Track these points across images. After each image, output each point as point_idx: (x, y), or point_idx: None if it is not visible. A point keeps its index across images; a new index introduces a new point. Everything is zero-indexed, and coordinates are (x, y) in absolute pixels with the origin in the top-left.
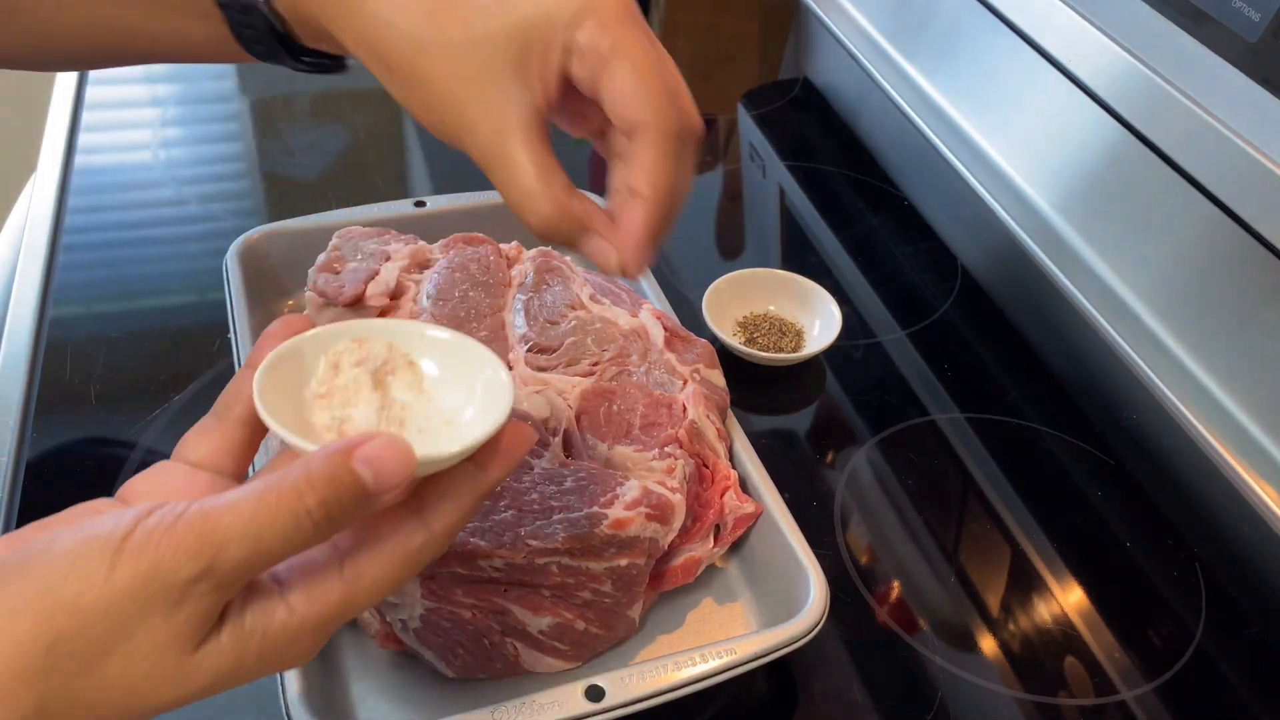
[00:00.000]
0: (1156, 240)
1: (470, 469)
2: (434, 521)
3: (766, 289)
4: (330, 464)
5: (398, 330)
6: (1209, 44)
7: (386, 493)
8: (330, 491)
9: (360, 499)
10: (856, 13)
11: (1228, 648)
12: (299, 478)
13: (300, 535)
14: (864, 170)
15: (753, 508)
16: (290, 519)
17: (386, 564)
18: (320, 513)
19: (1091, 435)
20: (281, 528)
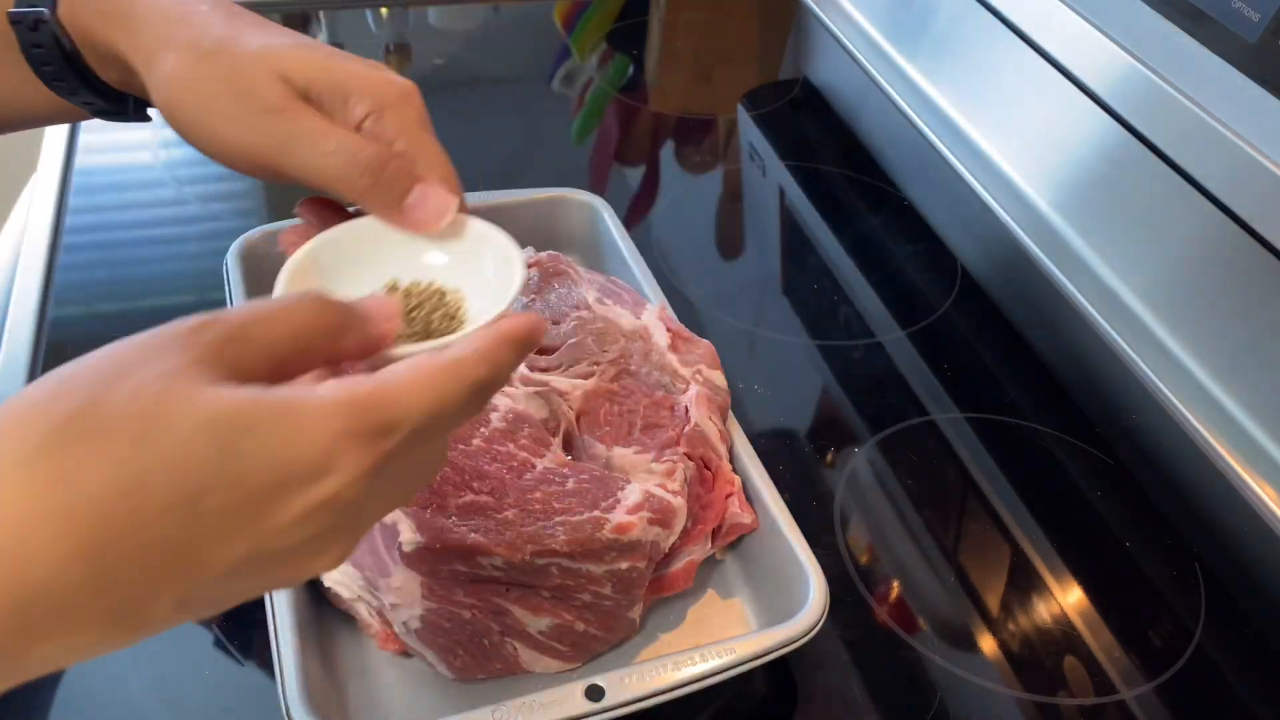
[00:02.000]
0: (1156, 240)
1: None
2: (460, 350)
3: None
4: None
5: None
6: (1209, 44)
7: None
8: (325, 295)
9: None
10: (856, 13)
11: (1228, 648)
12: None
13: (304, 313)
14: (864, 170)
15: (750, 520)
16: (291, 298)
17: (419, 369)
18: (317, 301)
19: (1091, 435)
20: (283, 302)
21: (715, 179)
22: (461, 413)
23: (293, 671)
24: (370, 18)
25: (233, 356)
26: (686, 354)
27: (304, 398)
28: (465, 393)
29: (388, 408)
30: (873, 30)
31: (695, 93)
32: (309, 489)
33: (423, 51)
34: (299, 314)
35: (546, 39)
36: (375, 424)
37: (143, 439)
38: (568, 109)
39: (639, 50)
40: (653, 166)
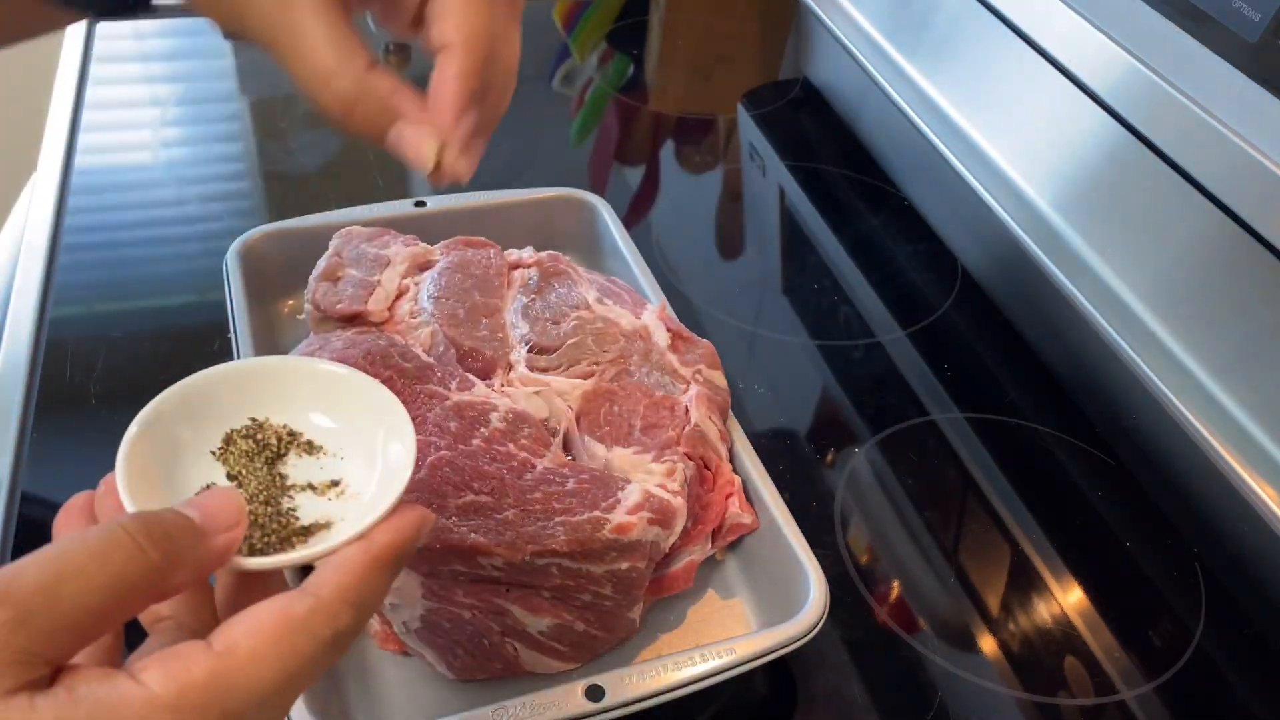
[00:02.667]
0: (1156, 240)
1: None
2: (320, 587)
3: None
4: (151, 508)
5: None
6: (1209, 44)
7: (218, 532)
8: (150, 518)
9: (189, 531)
10: (856, 13)
11: (1228, 648)
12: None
13: (120, 558)
14: (864, 170)
15: (750, 520)
16: (103, 539)
17: (264, 631)
18: (140, 533)
19: (1091, 435)
20: (92, 547)
21: (715, 179)
22: (320, 668)
23: None
24: (370, 18)
25: (28, 643)
26: (686, 354)
27: (121, 701)
28: (324, 649)
29: (228, 695)
30: (873, 30)
31: (695, 93)
32: None
33: (422, 52)
34: (114, 562)
35: (546, 39)
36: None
37: None
38: (568, 109)
39: (639, 50)
40: (653, 166)
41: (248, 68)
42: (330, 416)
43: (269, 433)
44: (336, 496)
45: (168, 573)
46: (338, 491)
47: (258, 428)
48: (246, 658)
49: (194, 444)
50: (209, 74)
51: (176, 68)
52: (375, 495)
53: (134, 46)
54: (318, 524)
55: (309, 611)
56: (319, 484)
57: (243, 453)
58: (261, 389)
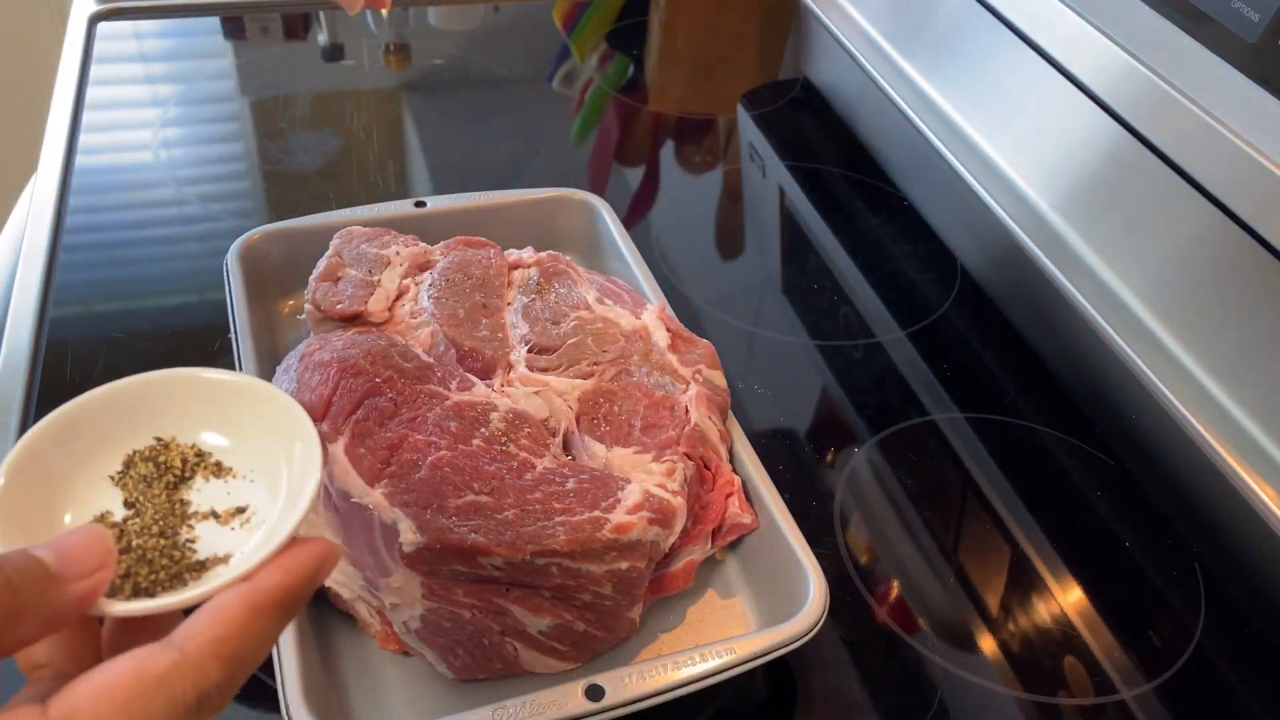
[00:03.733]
0: (1156, 240)
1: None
2: (187, 640)
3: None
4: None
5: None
6: (1209, 44)
7: (76, 578)
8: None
9: (39, 577)
10: (856, 13)
11: (1227, 648)
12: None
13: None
14: (864, 170)
15: (750, 519)
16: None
17: (111, 694)
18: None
19: (1091, 435)
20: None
21: (715, 179)
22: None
23: (293, 671)
24: (370, 18)
25: None
26: (686, 354)
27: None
28: (184, 713)
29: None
30: (873, 30)
31: (695, 93)
32: None
33: (422, 51)
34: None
35: (546, 39)
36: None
37: None
38: (568, 109)
39: (639, 50)
40: (653, 166)
41: (248, 68)
42: (239, 434)
43: (174, 454)
44: (241, 525)
45: (11, 623)
46: (243, 520)
47: (162, 448)
48: (95, 713)
49: (91, 466)
50: (209, 74)
51: (176, 68)
52: (275, 525)
53: (134, 46)
54: (215, 558)
55: (169, 669)
56: (223, 511)
57: (141, 477)
58: (168, 404)
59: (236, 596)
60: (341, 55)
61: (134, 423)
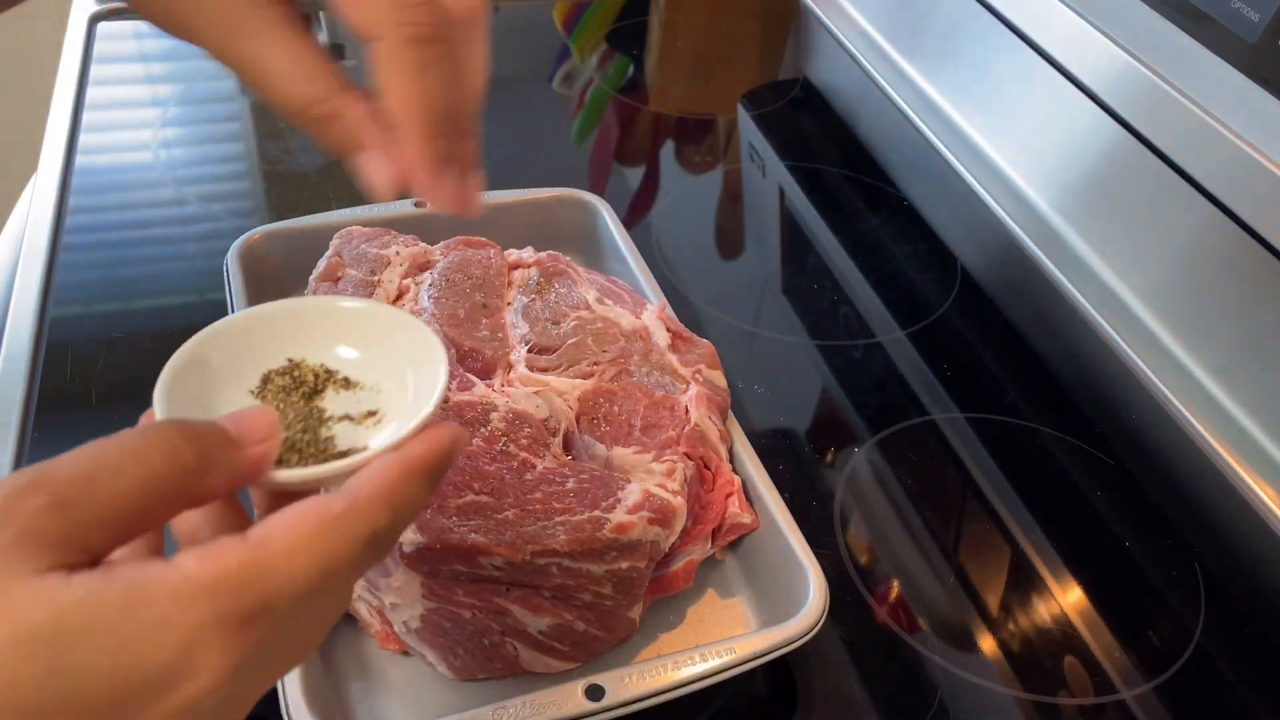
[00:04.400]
0: (1156, 240)
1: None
2: (358, 490)
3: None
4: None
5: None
6: (1209, 44)
7: (251, 444)
8: (183, 422)
9: (223, 439)
10: (856, 13)
11: (1227, 648)
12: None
13: (155, 456)
14: (864, 170)
15: (750, 519)
16: (138, 437)
17: (300, 526)
18: (174, 434)
19: (1091, 435)
20: (127, 444)
21: (715, 179)
22: (355, 572)
23: (293, 671)
24: None
25: (63, 529)
26: (686, 354)
27: (155, 584)
28: (361, 547)
29: (263, 584)
30: (873, 30)
31: (695, 93)
32: (162, 699)
33: None
34: (148, 459)
35: (546, 39)
36: (247, 608)
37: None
38: (568, 109)
39: (639, 50)
40: (653, 166)
41: None
42: (362, 351)
43: (305, 371)
44: (373, 425)
45: (201, 475)
46: (374, 421)
47: (294, 366)
48: (282, 550)
49: (230, 384)
50: (209, 74)
51: (176, 68)
52: (409, 414)
53: (134, 46)
54: (354, 449)
55: (346, 510)
56: (356, 415)
57: (279, 388)
58: (294, 329)
59: (390, 460)
60: (342, 55)
61: (267, 346)
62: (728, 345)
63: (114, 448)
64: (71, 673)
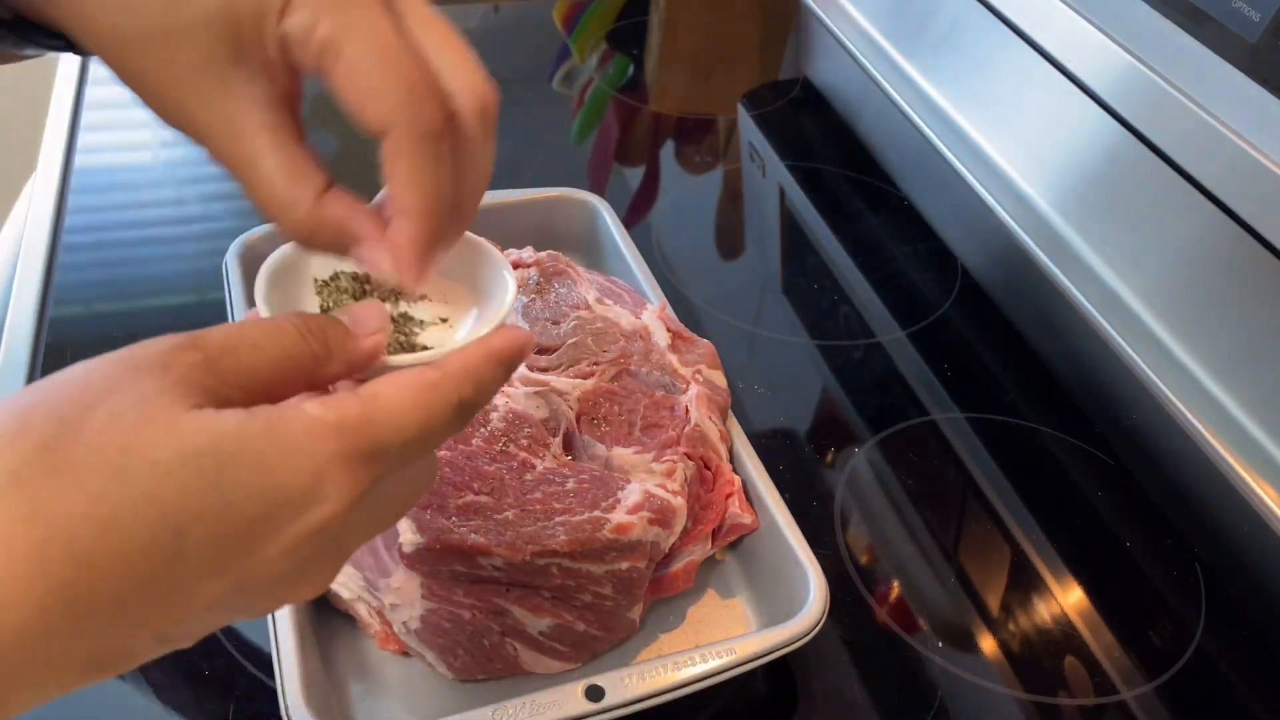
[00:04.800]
0: (1156, 240)
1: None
2: (447, 364)
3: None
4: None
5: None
6: (1209, 44)
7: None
8: (310, 316)
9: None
10: (856, 13)
11: (1228, 648)
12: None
13: (288, 340)
14: (864, 170)
15: (750, 520)
16: (274, 323)
17: (401, 389)
18: (303, 325)
19: (1091, 435)
20: (266, 327)
21: (715, 179)
22: (446, 431)
23: (293, 671)
24: None
25: (213, 382)
26: (686, 354)
27: (290, 420)
28: (452, 410)
29: (377, 429)
30: (873, 30)
31: (695, 93)
32: (298, 517)
33: None
34: (281, 342)
35: (546, 39)
36: (365, 446)
37: (121, 471)
38: (568, 109)
39: (639, 50)
40: (653, 166)
41: None
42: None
43: (378, 283)
44: (449, 331)
45: (324, 361)
46: (448, 327)
47: (366, 278)
48: (391, 403)
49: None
50: None
51: None
52: (483, 319)
53: None
54: (435, 346)
55: (440, 378)
56: (431, 319)
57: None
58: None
59: (475, 344)
60: None
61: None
62: (728, 345)
63: (254, 328)
64: (229, 487)
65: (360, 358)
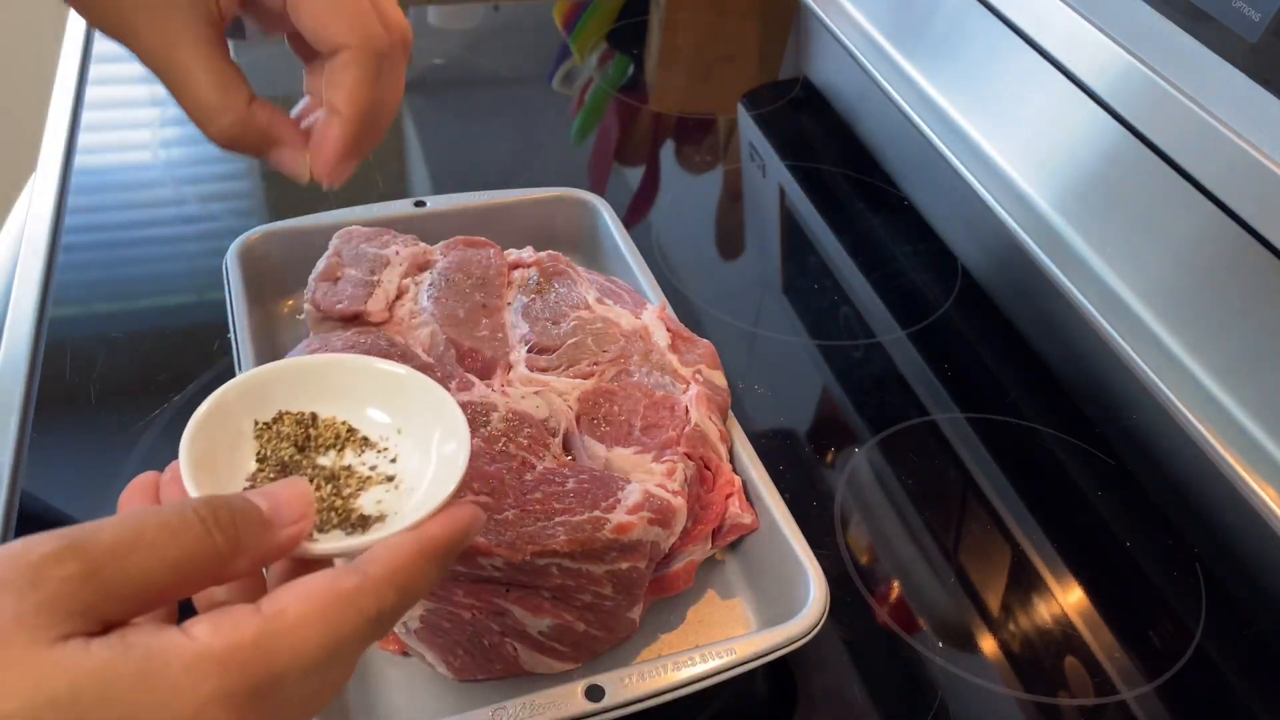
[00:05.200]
0: (1156, 240)
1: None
2: (370, 565)
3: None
4: (222, 492)
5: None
6: (1209, 44)
7: (285, 525)
8: (221, 503)
9: (257, 521)
10: (856, 13)
11: (1228, 648)
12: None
13: (189, 537)
14: (864, 170)
15: (750, 520)
16: (175, 515)
17: (312, 599)
18: (210, 518)
19: (1091, 435)
20: (165, 521)
21: (715, 179)
22: (358, 648)
23: None
24: None
25: (93, 597)
26: (687, 354)
27: (170, 654)
28: (367, 626)
29: (272, 658)
30: (873, 30)
31: (695, 93)
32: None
33: (422, 51)
34: (182, 540)
35: (546, 38)
36: (256, 680)
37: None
38: (568, 109)
39: (639, 50)
40: (653, 166)
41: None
42: (387, 414)
43: (324, 427)
44: (393, 491)
45: (231, 559)
46: (393, 486)
47: (320, 423)
48: (294, 622)
49: (255, 440)
50: None
51: None
52: (429, 491)
53: None
54: (373, 516)
55: (356, 586)
56: (376, 477)
57: (304, 442)
58: (320, 385)
59: (408, 539)
60: None
61: (292, 401)
62: (728, 345)
63: (152, 524)
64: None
65: (275, 553)
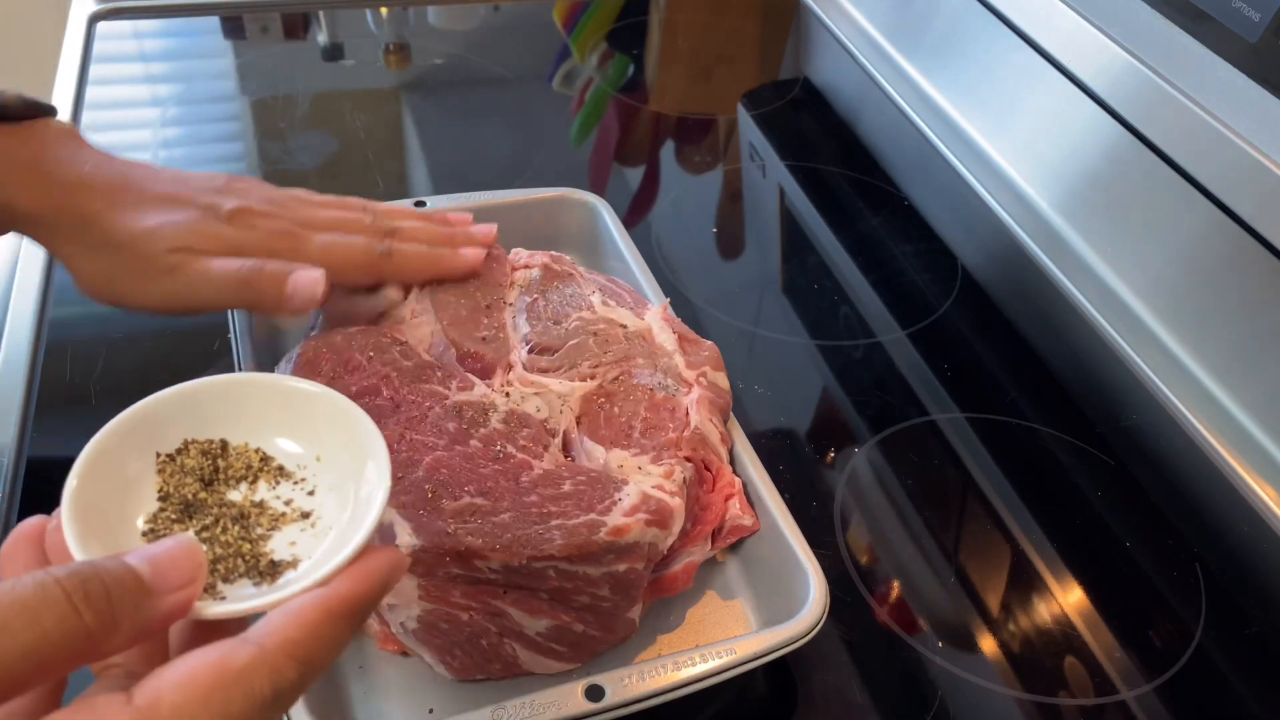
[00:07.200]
0: (1156, 240)
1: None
2: (266, 637)
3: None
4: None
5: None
6: (1209, 44)
7: (168, 591)
8: (90, 573)
9: (134, 590)
10: (856, 13)
11: (1228, 648)
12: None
13: (51, 618)
14: (864, 170)
15: (751, 521)
16: (34, 592)
17: (194, 684)
18: (77, 591)
19: (1091, 435)
20: (21, 599)
21: (715, 179)
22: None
23: None
24: (370, 17)
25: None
26: (692, 355)
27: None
28: (262, 708)
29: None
30: (873, 30)
31: (695, 93)
32: None
33: (422, 51)
34: (41, 621)
35: (546, 39)
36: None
37: None
38: (568, 109)
39: (639, 50)
40: (653, 166)
41: (247, 68)
42: (303, 440)
43: (234, 456)
44: (308, 529)
45: (104, 638)
46: (309, 524)
47: (221, 448)
48: (171, 709)
49: (156, 477)
50: (209, 74)
51: (176, 68)
52: (344, 533)
53: (134, 46)
54: (285, 562)
55: (248, 664)
56: (290, 514)
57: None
58: (232, 408)
59: (312, 601)
60: (341, 55)
61: (200, 428)
62: (728, 345)
63: (6, 605)
64: None
65: (159, 624)
